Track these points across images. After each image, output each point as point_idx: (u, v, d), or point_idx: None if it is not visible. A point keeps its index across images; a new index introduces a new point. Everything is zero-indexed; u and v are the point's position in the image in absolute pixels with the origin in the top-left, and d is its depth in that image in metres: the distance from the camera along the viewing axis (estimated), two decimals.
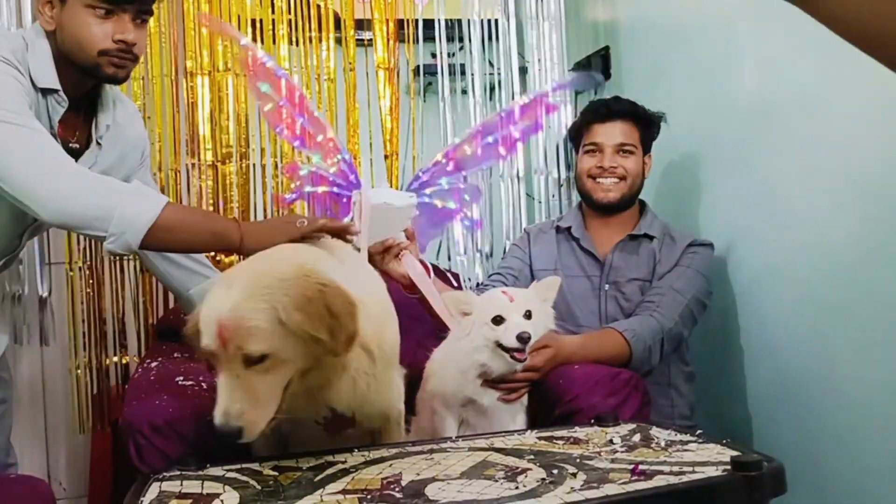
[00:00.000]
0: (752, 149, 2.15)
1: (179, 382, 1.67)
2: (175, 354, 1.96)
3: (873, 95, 1.73)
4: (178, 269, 1.81)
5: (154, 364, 1.87)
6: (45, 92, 1.59)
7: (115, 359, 2.43)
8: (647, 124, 2.28)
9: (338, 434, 1.49)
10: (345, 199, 1.89)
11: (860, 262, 1.80)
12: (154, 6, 1.63)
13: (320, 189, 1.89)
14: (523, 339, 1.66)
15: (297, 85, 1.88)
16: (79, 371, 2.40)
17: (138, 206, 1.47)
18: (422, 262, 1.96)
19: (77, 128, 1.69)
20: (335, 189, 1.89)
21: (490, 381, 1.77)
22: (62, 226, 1.51)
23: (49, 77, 1.58)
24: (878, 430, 1.75)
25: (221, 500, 1.19)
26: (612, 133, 2.23)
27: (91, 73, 1.60)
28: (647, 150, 2.29)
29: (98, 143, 1.67)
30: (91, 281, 2.45)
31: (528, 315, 1.71)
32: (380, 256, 1.89)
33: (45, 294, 2.34)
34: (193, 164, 2.52)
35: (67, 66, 1.60)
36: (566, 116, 2.86)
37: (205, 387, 1.64)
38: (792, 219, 2.02)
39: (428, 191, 1.96)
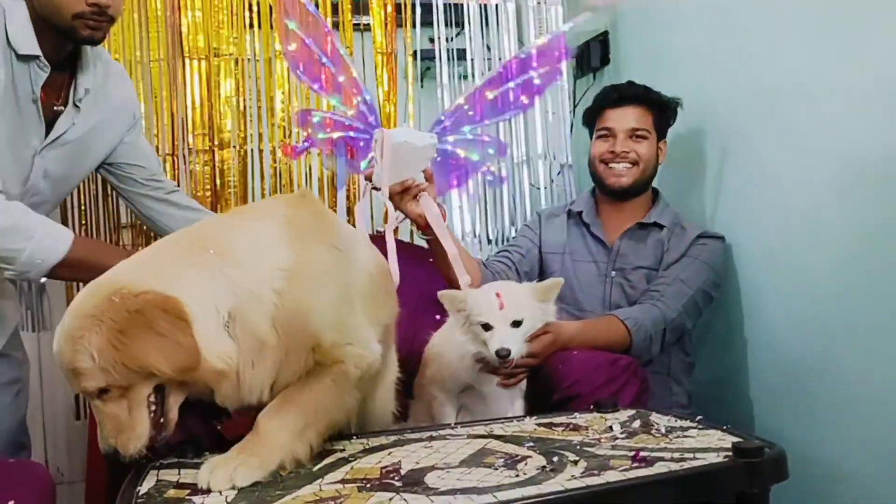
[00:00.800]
0: (753, 136, 2.12)
1: None
2: None
3: (875, 82, 1.71)
4: (178, 209, 1.87)
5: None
6: (26, 58, 1.58)
7: None
8: (661, 109, 2.24)
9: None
10: (362, 143, 1.88)
11: (861, 250, 1.78)
12: None
13: (335, 134, 1.87)
14: (501, 356, 1.63)
15: (325, 22, 1.87)
16: None
17: (45, 249, 1.50)
18: (439, 205, 1.94)
19: (62, 90, 1.67)
20: (351, 133, 1.87)
21: (488, 368, 1.75)
22: None
23: (29, 43, 1.57)
24: (880, 416, 1.73)
25: (219, 491, 1.17)
26: (624, 118, 2.20)
27: (67, 36, 1.60)
28: (661, 135, 2.26)
29: (76, 106, 1.65)
30: None
31: (516, 324, 1.68)
32: (398, 196, 1.89)
33: (43, 280, 2.31)
34: (191, 150, 2.49)
35: (46, 29, 1.59)
36: (565, 99, 2.83)
37: None
38: (792, 206, 1.99)
39: (451, 138, 1.94)
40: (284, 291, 1.26)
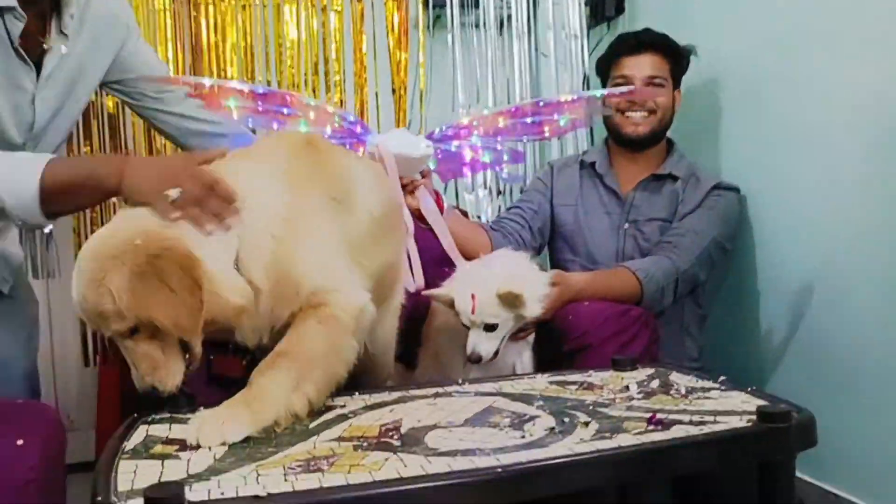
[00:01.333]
0: (770, 85, 2.03)
1: None
2: None
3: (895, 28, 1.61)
4: (194, 122, 1.77)
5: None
6: (2, 10, 1.45)
7: None
8: (677, 57, 2.14)
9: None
10: (348, 145, 1.81)
11: (881, 201, 1.69)
12: None
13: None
14: (472, 360, 1.62)
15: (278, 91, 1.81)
16: None
17: (14, 190, 1.33)
18: (437, 194, 1.89)
19: (46, 23, 1.56)
20: (334, 140, 1.77)
21: None
22: None
23: None
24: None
25: (209, 447, 1.10)
26: (641, 65, 2.10)
27: None
28: (677, 84, 2.16)
29: (63, 34, 1.54)
30: (93, 214, 2.36)
31: (489, 327, 1.62)
32: None
33: (50, 227, 2.25)
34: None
35: None
36: (578, 49, 2.69)
37: None
38: (811, 157, 1.89)
39: (455, 143, 1.86)
40: (279, 238, 1.25)
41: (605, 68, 2.20)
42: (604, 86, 2.20)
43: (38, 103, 1.57)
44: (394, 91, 2.60)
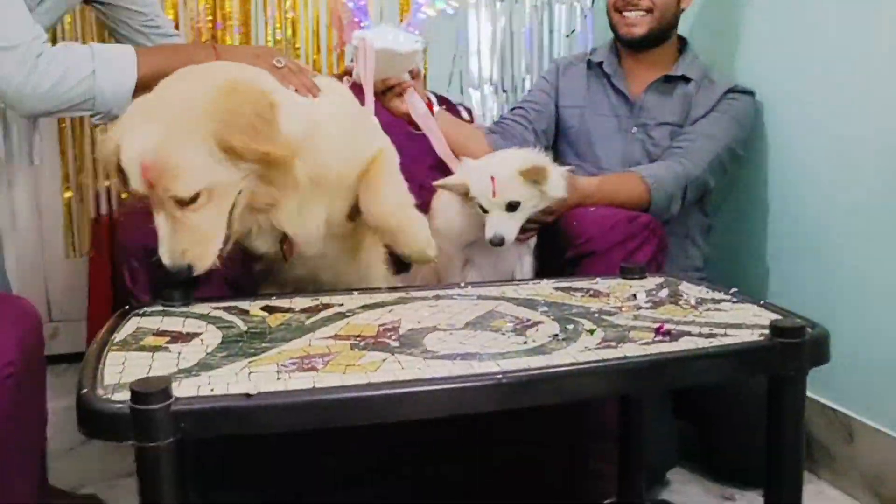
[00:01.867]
0: None
1: None
2: None
3: None
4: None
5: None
6: None
7: (108, 183, 2.27)
8: None
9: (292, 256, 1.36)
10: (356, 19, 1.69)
11: None
12: None
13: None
14: (494, 243, 1.58)
15: None
16: (69, 195, 2.27)
17: (113, 78, 1.33)
18: (428, 97, 1.81)
19: None
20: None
21: None
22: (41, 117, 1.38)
23: None
24: None
25: (201, 340, 1.05)
26: None
27: None
28: None
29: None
30: None
31: (511, 206, 1.58)
32: (381, 94, 1.74)
33: None
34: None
35: None
36: None
37: None
38: (837, 66, 1.79)
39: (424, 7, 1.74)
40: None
41: None
42: None
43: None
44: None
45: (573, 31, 2.58)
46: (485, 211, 1.60)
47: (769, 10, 2.02)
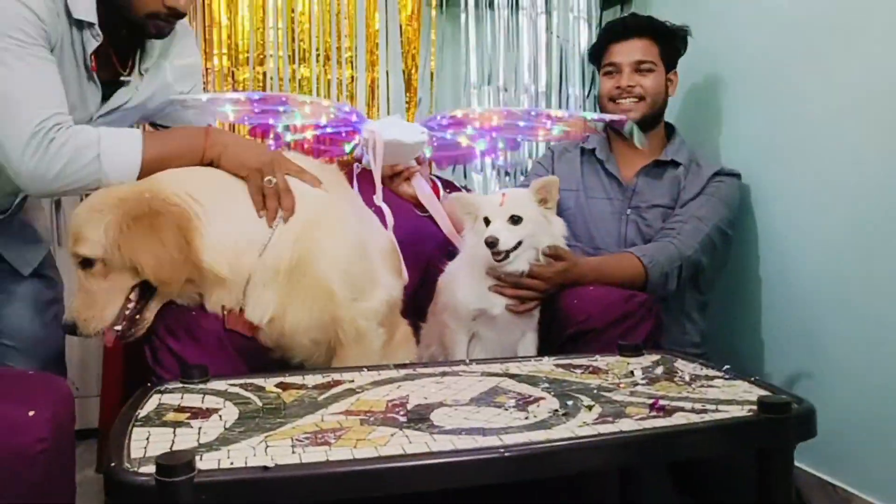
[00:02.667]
0: (781, 69, 2.00)
1: None
2: None
3: None
4: None
5: None
6: (80, 24, 1.47)
7: None
8: (667, 39, 2.13)
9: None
10: (344, 133, 1.82)
11: (883, 189, 1.68)
12: None
13: (308, 134, 1.80)
14: (488, 243, 1.62)
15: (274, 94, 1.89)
16: None
17: (118, 162, 1.41)
18: (433, 180, 1.91)
19: (129, 57, 1.59)
20: (329, 129, 1.80)
21: (500, 284, 1.70)
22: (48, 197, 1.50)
23: (85, 8, 1.46)
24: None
25: (220, 416, 1.11)
26: (629, 51, 2.10)
27: (134, 29, 1.53)
28: (670, 66, 2.15)
29: (141, 74, 1.55)
30: None
31: (514, 220, 1.64)
32: (389, 179, 1.84)
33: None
34: (208, 69, 2.39)
35: (114, 12, 1.49)
36: (588, 34, 2.68)
37: None
38: (820, 145, 1.88)
39: (451, 132, 1.87)
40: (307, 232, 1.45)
41: (597, 55, 2.20)
42: (598, 70, 2.21)
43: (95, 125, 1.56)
44: (405, 69, 2.59)
45: (569, 115, 2.69)
46: (487, 224, 1.65)
47: (751, 97, 2.13)
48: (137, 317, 1.39)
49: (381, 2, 2.55)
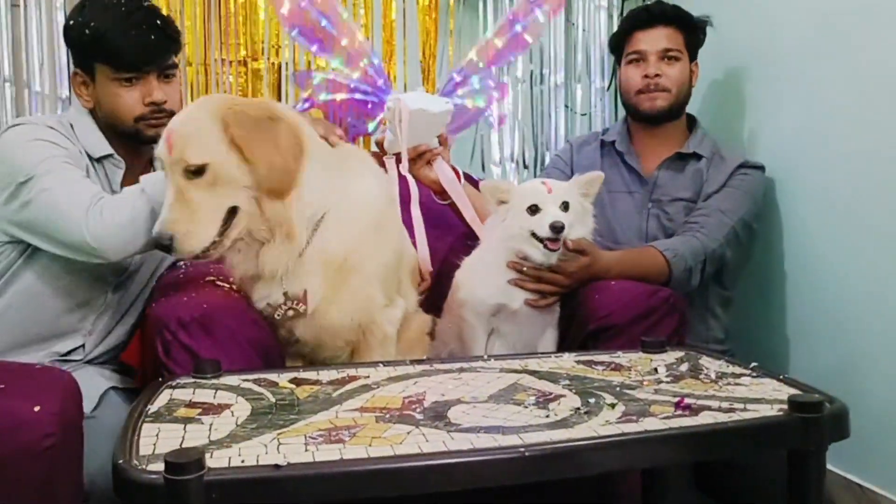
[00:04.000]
0: (808, 63, 1.96)
1: (208, 281, 1.58)
2: None
3: None
4: None
5: (183, 263, 1.79)
6: (101, 160, 1.60)
7: None
8: (692, 29, 2.08)
9: (283, 316, 1.48)
10: (370, 105, 1.81)
11: None
12: (175, 59, 1.63)
13: (338, 96, 1.82)
14: (556, 228, 1.59)
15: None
16: None
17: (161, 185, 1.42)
18: (453, 167, 1.89)
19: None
20: (357, 95, 1.81)
21: (521, 277, 1.66)
22: (125, 258, 1.50)
23: (100, 146, 1.60)
24: None
25: (232, 412, 1.09)
26: (655, 39, 2.04)
27: (134, 139, 1.61)
28: (693, 56, 2.10)
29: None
30: None
31: (564, 206, 1.63)
32: (411, 162, 1.83)
33: None
34: (223, 60, 2.36)
35: (115, 136, 1.61)
36: (608, 24, 2.63)
37: (234, 286, 1.54)
38: (847, 140, 1.83)
39: (460, 91, 1.89)
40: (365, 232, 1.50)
41: (619, 44, 2.15)
42: (618, 62, 2.16)
43: None
44: (422, 60, 2.55)
45: (591, 109, 2.66)
46: (534, 213, 1.62)
47: (775, 88, 2.08)
48: (219, 238, 1.36)
49: (364, 43, 2.52)
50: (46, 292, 1.55)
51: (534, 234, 1.62)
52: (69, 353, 1.63)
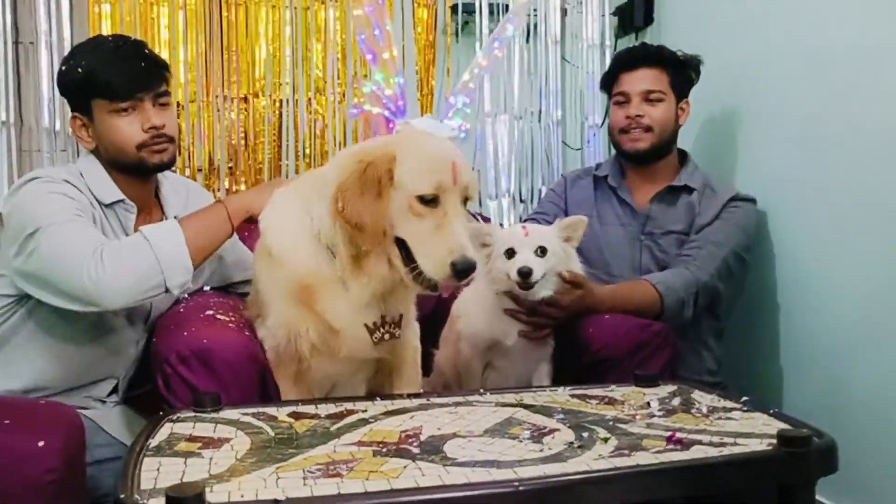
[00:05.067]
0: (798, 100, 1.99)
1: (208, 315, 1.60)
2: (206, 288, 1.90)
3: None
4: None
5: (185, 298, 1.81)
6: (112, 206, 1.62)
7: None
8: (677, 68, 2.11)
9: (380, 342, 1.45)
10: (391, 125, 1.86)
11: None
12: (167, 86, 1.65)
13: (375, 110, 1.87)
14: (521, 272, 1.61)
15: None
16: None
17: (167, 242, 1.46)
18: None
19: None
20: (386, 112, 1.87)
21: (516, 309, 1.69)
22: (125, 306, 1.47)
23: (110, 191, 1.62)
24: None
25: (231, 446, 1.10)
26: (638, 80, 2.08)
27: (140, 170, 1.63)
28: (681, 95, 2.13)
29: (167, 290, 1.56)
30: None
31: (540, 251, 1.64)
32: None
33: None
34: (225, 97, 2.41)
35: (121, 175, 1.64)
36: (601, 62, 2.69)
37: (232, 320, 1.56)
38: (836, 174, 1.86)
39: (451, 113, 1.93)
40: None
41: (608, 85, 2.19)
42: (609, 100, 2.20)
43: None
44: (420, 97, 2.60)
45: (585, 144, 2.71)
46: (510, 256, 1.65)
47: (768, 126, 2.11)
48: None
49: (396, 30, 2.58)
50: (82, 341, 1.58)
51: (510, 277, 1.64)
52: (108, 394, 1.67)
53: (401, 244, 1.33)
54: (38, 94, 2.25)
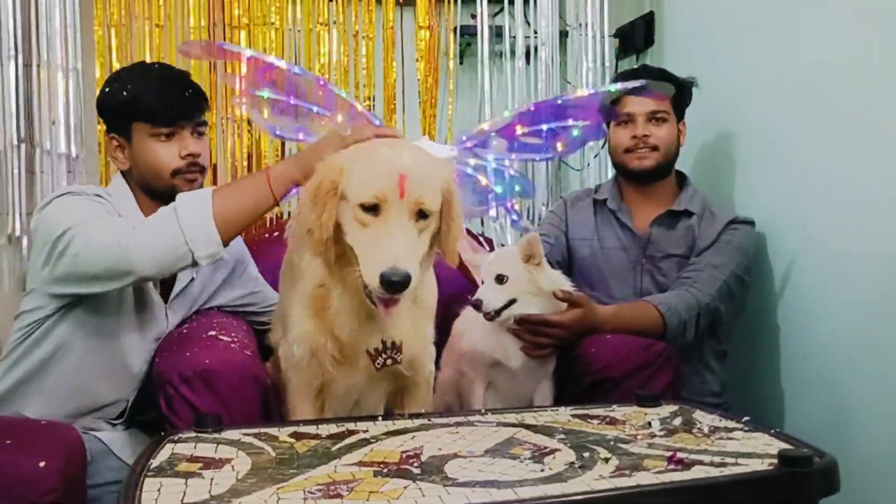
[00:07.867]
0: (797, 122, 2.00)
1: (210, 335, 1.61)
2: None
3: None
4: None
5: (190, 317, 1.82)
6: None
7: None
8: (678, 91, 2.13)
9: (382, 368, 1.44)
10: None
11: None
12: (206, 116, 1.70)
13: (292, 99, 1.82)
14: (475, 305, 1.64)
15: (313, 75, 1.86)
16: None
17: (191, 211, 1.44)
18: None
19: None
20: (315, 109, 1.83)
21: (519, 329, 1.70)
22: (159, 273, 1.48)
23: (133, 212, 1.64)
24: None
25: (232, 466, 1.10)
26: (643, 102, 2.09)
27: (169, 197, 1.57)
28: (680, 116, 2.16)
29: (195, 262, 1.57)
30: None
31: (500, 279, 1.66)
32: None
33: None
34: (228, 119, 2.43)
35: (148, 199, 1.67)
36: (603, 84, 2.70)
37: (235, 341, 1.57)
38: (835, 196, 1.87)
39: (472, 161, 1.89)
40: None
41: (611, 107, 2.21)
42: (607, 125, 2.18)
43: (169, 315, 1.73)
44: (422, 119, 2.63)
45: (585, 165, 2.72)
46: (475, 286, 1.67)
47: (766, 148, 2.12)
48: None
49: (399, 52, 2.60)
50: (94, 366, 1.60)
51: None
52: (119, 416, 1.68)
53: None
54: (52, 117, 2.25)
